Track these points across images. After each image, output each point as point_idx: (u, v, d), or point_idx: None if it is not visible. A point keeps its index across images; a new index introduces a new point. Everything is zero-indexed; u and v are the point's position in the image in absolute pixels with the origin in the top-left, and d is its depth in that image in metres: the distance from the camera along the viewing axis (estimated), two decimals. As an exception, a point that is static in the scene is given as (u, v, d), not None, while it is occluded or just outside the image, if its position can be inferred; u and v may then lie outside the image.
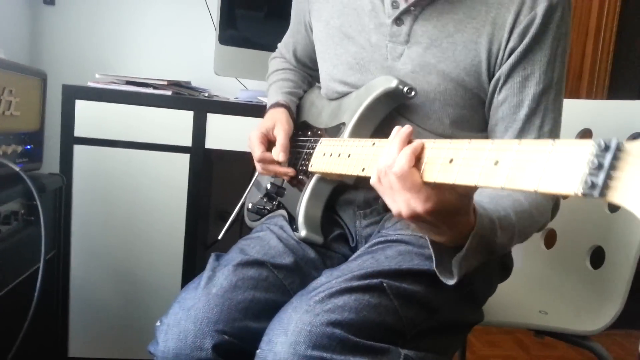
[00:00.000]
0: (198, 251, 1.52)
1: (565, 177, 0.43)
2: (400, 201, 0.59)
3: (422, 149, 0.60)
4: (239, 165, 1.96)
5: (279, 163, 0.93)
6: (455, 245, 0.64)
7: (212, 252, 0.85)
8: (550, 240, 1.23)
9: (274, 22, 1.66)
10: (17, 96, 0.98)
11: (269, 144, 0.95)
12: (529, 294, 1.16)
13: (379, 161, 0.62)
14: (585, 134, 1.21)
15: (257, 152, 0.92)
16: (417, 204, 0.58)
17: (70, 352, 1.46)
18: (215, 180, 1.91)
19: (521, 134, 0.81)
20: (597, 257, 1.08)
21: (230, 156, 1.47)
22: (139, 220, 1.43)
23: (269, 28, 1.65)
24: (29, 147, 1.06)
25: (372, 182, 0.64)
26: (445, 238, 0.63)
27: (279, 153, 0.91)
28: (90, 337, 1.46)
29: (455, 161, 0.56)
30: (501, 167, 0.51)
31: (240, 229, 1.76)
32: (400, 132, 0.61)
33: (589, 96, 2.23)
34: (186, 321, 0.72)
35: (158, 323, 0.76)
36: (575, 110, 1.20)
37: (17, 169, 0.89)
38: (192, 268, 1.48)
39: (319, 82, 1.19)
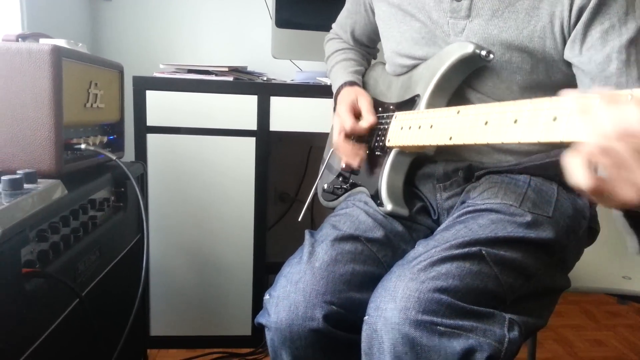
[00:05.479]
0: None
1: None
2: None
3: None
4: (294, 146, 1.99)
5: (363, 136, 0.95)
6: None
7: (272, 233, 0.87)
8: (627, 205, 1.20)
9: (327, 2, 1.65)
10: (101, 89, 1.03)
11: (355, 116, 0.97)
12: (610, 260, 1.14)
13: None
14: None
15: (348, 123, 0.93)
16: None
17: (151, 331, 1.54)
18: (271, 162, 1.95)
19: (619, 88, 0.78)
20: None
21: (286, 138, 1.49)
22: (210, 204, 1.49)
23: (322, 8, 1.65)
24: (112, 137, 1.12)
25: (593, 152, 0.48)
26: None
27: (369, 115, 0.93)
28: (169, 317, 1.54)
29: None
30: None
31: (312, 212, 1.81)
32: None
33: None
34: (295, 293, 0.75)
35: (267, 296, 0.79)
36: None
37: (113, 157, 0.94)
38: (262, 248, 1.53)
39: (376, 59, 1.20)
